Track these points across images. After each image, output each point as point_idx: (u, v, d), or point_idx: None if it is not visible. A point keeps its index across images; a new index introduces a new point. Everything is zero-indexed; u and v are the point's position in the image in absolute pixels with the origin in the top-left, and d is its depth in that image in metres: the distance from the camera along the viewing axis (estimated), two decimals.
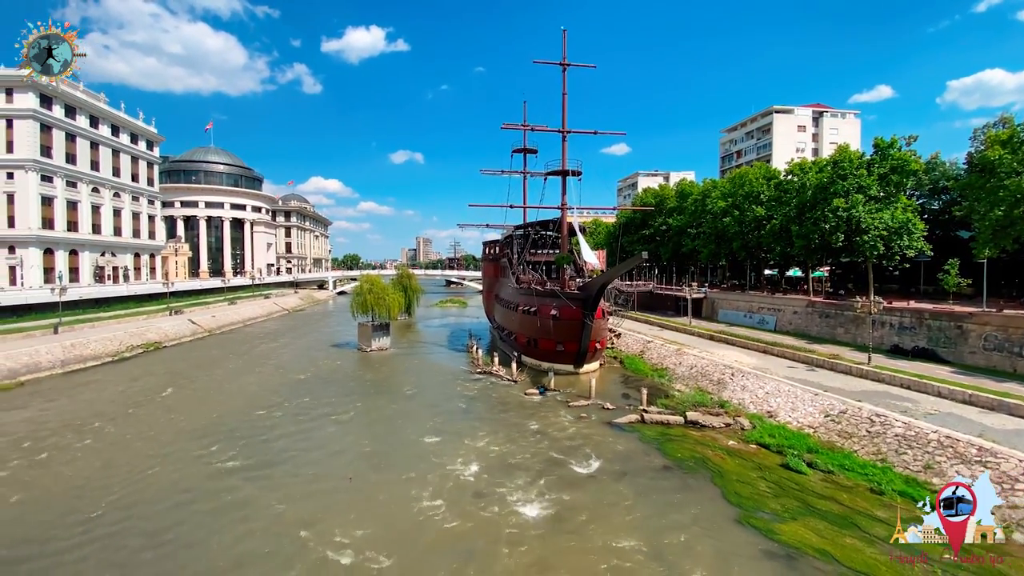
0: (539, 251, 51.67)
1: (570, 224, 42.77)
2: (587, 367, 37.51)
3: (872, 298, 29.93)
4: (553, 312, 36.30)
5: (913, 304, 35.64)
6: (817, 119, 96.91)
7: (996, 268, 38.49)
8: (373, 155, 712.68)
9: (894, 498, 17.17)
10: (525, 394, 31.98)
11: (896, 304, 35.38)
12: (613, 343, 45.48)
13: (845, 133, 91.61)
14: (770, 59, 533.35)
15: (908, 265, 43.04)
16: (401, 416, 28.08)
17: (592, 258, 38.74)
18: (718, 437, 23.81)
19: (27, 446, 22.68)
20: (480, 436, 24.55)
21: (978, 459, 17.36)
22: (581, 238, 38.40)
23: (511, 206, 47.38)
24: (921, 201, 47.16)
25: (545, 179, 43.67)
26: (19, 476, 19.66)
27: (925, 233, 39.12)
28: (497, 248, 60.82)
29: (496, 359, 39.73)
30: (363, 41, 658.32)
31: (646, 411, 26.97)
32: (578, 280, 42.14)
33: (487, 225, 52.09)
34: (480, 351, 42.87)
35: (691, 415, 25.96)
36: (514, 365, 37.01)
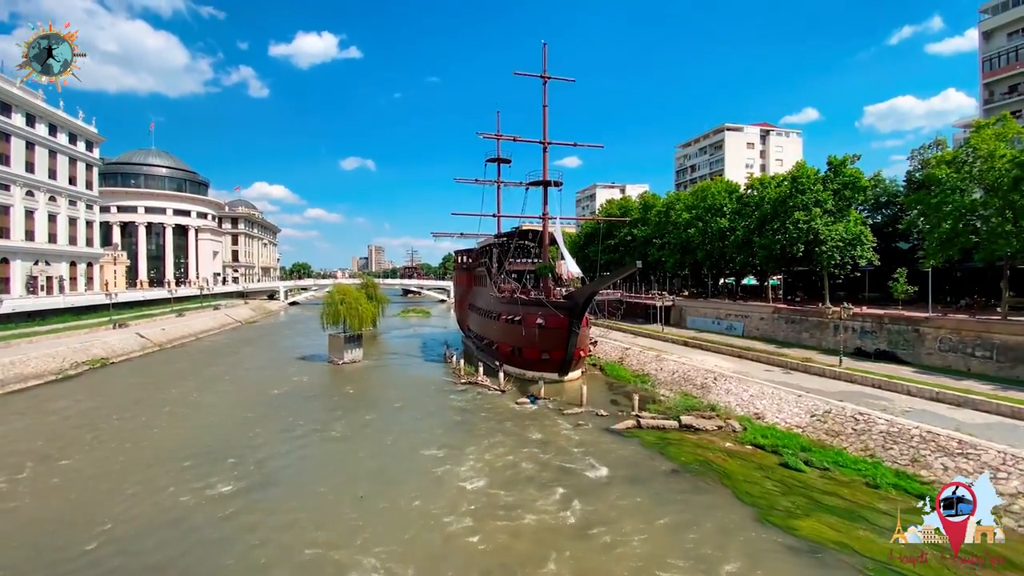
0: (516, 260, 51.76)
1: (551, 234, 43.27)
2: (571, 375, 37.94)
3: (843, 304, 32.09)
4: (539, 321, 36.51)
5: (867, 310, 38.48)
6: (764, 137, 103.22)
7: (935, 275, 42.23)
8: (322, 161, 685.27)
9: (889, 491, 18.38)
10: (516, 404, 31.88)
11: (857, 310, 38.01)
12: (591, 351, 46.17)
13: (789, 151, 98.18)
14: (714, 77, 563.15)
15: (859, 274, 46.47)
16: (395, 430, 27.28)
17: (575, 268, 39.29)
18: (714, 440, 24.65)
19: None
20: (483, 448, 24.25)
21: (959, 451, 18.93)
22: (564, 248, 38.91)
23: (494, 215, 47.35)
24: (866, 215, 51.18)
25: (527, 189, 44.13)
26: None
27: (875, 244, 42.45)
28: (470, 257, 60.41)
29: (481, 369, 39.40)
30: (314, 47, 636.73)
31: (640, 416, 27.54)
32: (560, 290, 42.62)
33: (461, 234, 51.61)
34: (461, 361, 42.36)
35: (685, 419, 26.74)
36: (501, 375, 36.84)
